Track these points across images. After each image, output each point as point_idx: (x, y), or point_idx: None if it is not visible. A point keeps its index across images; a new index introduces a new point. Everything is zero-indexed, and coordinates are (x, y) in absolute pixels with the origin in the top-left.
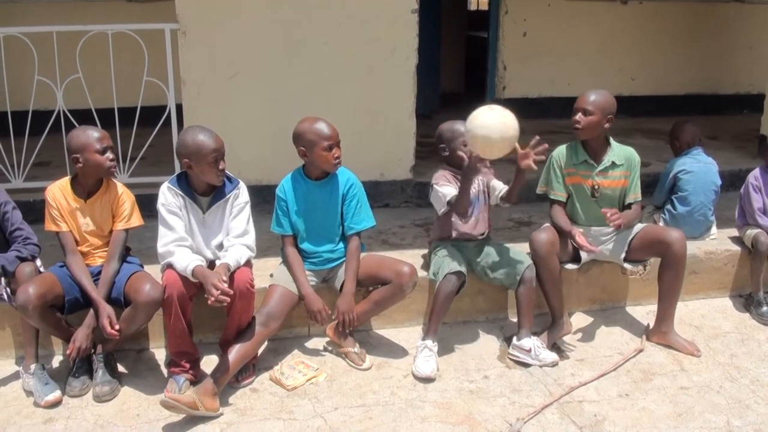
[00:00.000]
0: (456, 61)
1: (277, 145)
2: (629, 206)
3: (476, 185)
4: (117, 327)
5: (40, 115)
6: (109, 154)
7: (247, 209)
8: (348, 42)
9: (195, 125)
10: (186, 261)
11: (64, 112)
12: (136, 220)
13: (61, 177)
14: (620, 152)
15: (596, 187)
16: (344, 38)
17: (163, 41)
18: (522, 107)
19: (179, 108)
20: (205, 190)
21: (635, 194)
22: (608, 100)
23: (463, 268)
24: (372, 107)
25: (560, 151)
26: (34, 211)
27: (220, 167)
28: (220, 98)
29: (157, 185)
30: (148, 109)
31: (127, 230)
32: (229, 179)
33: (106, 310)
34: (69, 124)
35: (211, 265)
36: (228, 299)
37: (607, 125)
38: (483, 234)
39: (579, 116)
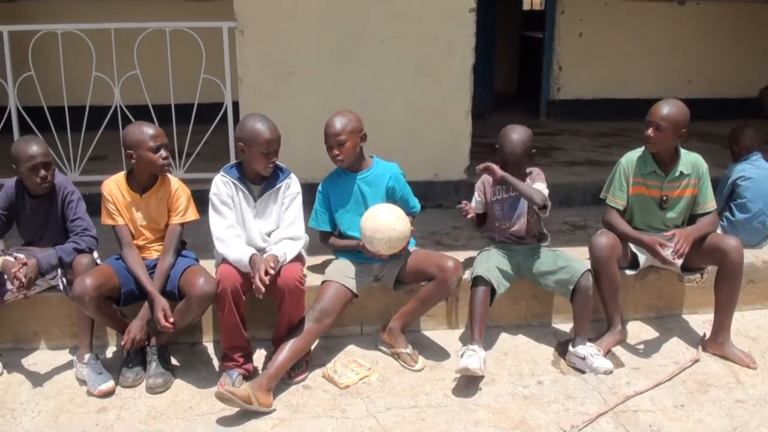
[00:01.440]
0: (509, 62)
1: None
2: (700, 216)
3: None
4: (171, 320)
5: (97, 111)
6: (163, 152)
7: (299, 200)
8: (405, 40)
9: (259, 113)
10: (240, 252)
11: (121, 107)
12: (192, 215)
13: (117, 171)
14: (688, 160)
15: (665, 198)
16: (401, 36)
17: (220, 39)
18: (577, 109)
19: (235, 105)
20: (256, 179)
21: (708, 203)
22: (682, 113)
23: (488, 274)
24: (427, 106)
25: (629, 159)
26: (89, 204)
27: (271, 159)
28: (277, 96)
29: (209, 181)
30: (205, 106)
31: (182, 224)
32: (281, 170)
33: (161, 302)
34: (126, 120)
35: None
36: (262, 287)
37: (679, 138)
38: (527, 237)
39: (651, 131)
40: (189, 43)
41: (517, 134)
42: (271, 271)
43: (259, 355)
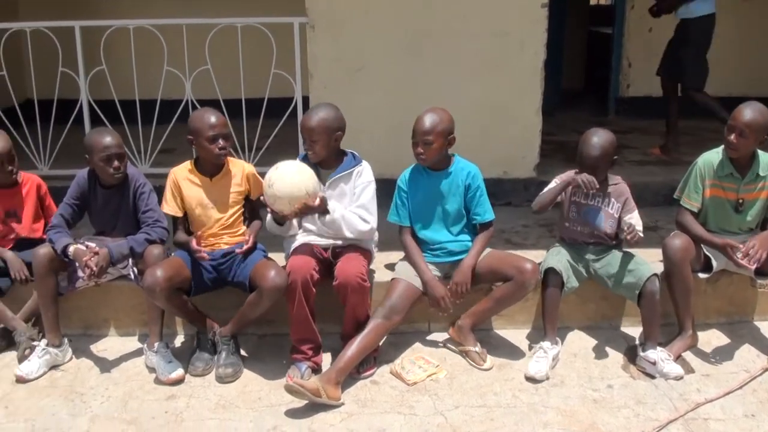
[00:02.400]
0: (577, 58)
1: (401, 138)
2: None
3: (597, 199)
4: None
5: (167, 105)
6: (220, 142)
7: (371, 188)
8: (475, 36)
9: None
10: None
11: (192, 101)
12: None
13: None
14: (764, 161)
15: (741, 201)
16: (472, 32)
17: (290, 34)
18: (646, 106)
19: (306, 100)
20: (326, 164)
21: None
22: (765, 118)
23: (559, 266)
24: (497, 103)
25: (706, 161)
26: (159, 195)
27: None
28: (346, 91)
29: None
30: (275, 101)
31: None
32: (354, 156)
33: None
34: None
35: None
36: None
37: (761, 144)
38: (597, 239)
39: (734, 137)
40: (260, 38)
41: (597, 138)
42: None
43: (327, 349)
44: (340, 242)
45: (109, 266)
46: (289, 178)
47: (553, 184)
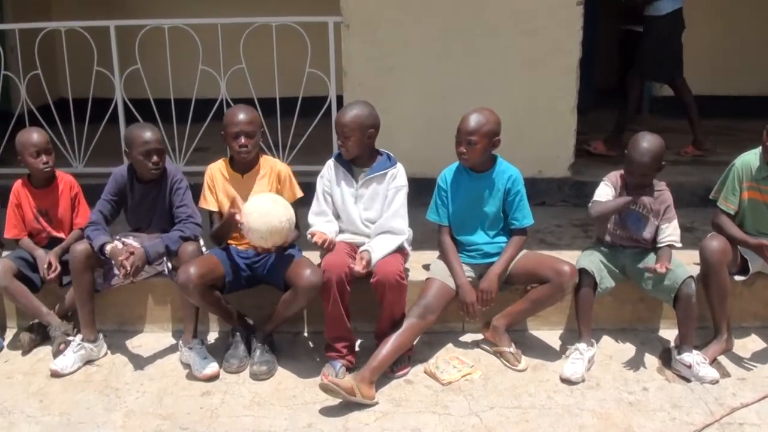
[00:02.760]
0: (610, 56)
1: (434, 137)
2: None
3: (646, 206)
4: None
5: (202, 103)
6: (241, 140)
7: (404, 193)
8: (510, 34)
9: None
10: (323, 229)
11: (226, 100)
12: (298, 192)
13: None
14: None
15: None
16: (506, 30)
17: (325, 33)
18: (680, 105)
19: (340, 99)
20: (360, 161)
21: None
22: None
23: (591, 266)
24: (532, 102)
25: (744, 162)
26: (193, 193)
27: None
28: (380, 90)
29: (313, 173)
30: (309, 100)
31: (295, 202)
32: (389, 157)
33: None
34: None
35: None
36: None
37: None
38: (635, 243)
39: None
40: (294, 37)
41: (647, 144)
42: (360, 270)
43: (360, 347)
44: (368, 246)
45: (144, 265)
46: (264, 209)
47: (606, 189)
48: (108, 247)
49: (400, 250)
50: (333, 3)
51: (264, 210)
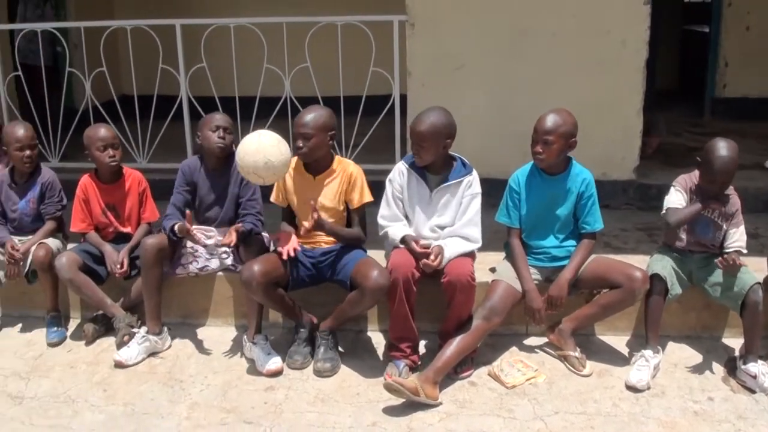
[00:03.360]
0: (671, 57)
1: (500, 138)
2: None
3: (718, 212)
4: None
5: (265, 101)
6: (299, 142)
7: (478, 201)
8: (577, 33)
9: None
10: (395, 231)
11: (290, 99)
12: (368, 196)
13: None
14: None
15: None
16: (573, 30)
17: (390, 32)
18: (743, 108)
19: (403, 98)
20: (434, 169)
21: None
22: None
23: (664, 272)
24: (598, 102)
25: None
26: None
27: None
28: (445, 89)
29: (375, 172)
30: (373, 99)
31: (362, 207)
32: (463, 164)
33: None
34: (295, 110)
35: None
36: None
37: None
38: (703, 248)
39: None
40: (359, 36)
41: (727, 152)
42: (432, 263)
43: (423, 347)
44: (442, 242)
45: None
46: (249, 146)
47: (678, 195)
48: (177, 225)
49: (470, 254)
50: (398, 2)
51: (252, 149)
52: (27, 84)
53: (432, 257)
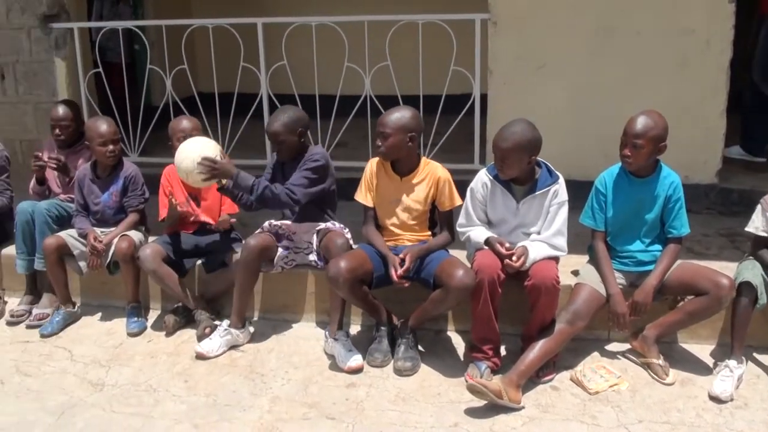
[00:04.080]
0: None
1: (583, 138)
2: None
3: None
4: (400, 273)
5: (343, 99)
6: (378, 141)
7: (565, 209)
8: (662, 33)
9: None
10: (477, 233)
11: (370, 97)
12: (457, 200)
13: (357, 158)
14: None
15: None
16: (657, 29)
17: (470, 31)
18: None
19: (483, 97)
20: (520, 179)
21: None
22: None
23: (755, 280)
24: (681, 103)
25: None
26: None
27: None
28: (526, 89)
29: (454, 171)
30: (452, 98)
31: (450, 210)
32: (550, 172)
33: (393, 260)
34: (375, 109)
35: None
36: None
37: None
38: None
39: None
40: (439, 35)
41: None
42: (515, 264)
43: (503, 350)
44: (527, 243)
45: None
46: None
47: (760, 218)
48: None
49: (554, 257)
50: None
51: (181, 153)
52: (106, 80)
53: (515, 258)
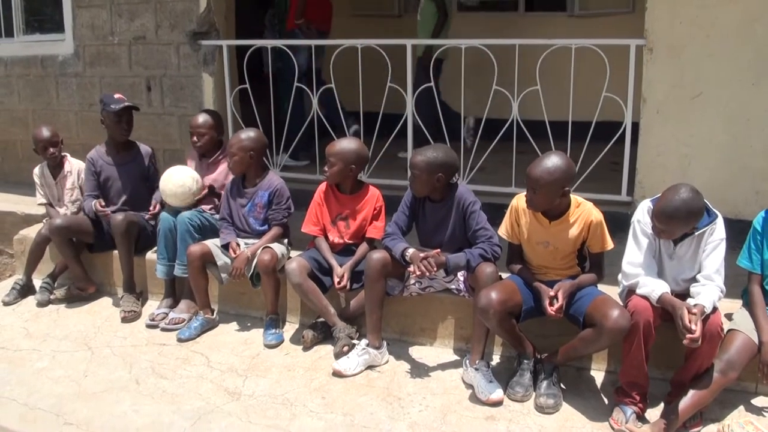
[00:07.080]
0: None
1: (738, 173)
2: None
3: None
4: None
5: (492, 123)
6: (527, 194)
7: (722, 247)
8: None
9: None
10: (653, 285)
11: (518, 121)
12: (609, 243)
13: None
14: None
15: None
16: None
17: (624, 57)
18: None
19: (635, 126)
20: None
21: None
22: None
23: None
24: None
25: None
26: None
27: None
28: (680, 118)
29: (604, 203)
30: (601, 125)
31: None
32: (708, 212)
33: (547, 292)
34: (521, 135)
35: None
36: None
37: None
38: None
39: None
40: (591, 60)
41: None
42: (694, 327)
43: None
44: (678, 289)
45: (441, 270)
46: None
47: None
48: (409, 252)
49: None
50: (635, 25)
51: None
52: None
53: (695, 327)
